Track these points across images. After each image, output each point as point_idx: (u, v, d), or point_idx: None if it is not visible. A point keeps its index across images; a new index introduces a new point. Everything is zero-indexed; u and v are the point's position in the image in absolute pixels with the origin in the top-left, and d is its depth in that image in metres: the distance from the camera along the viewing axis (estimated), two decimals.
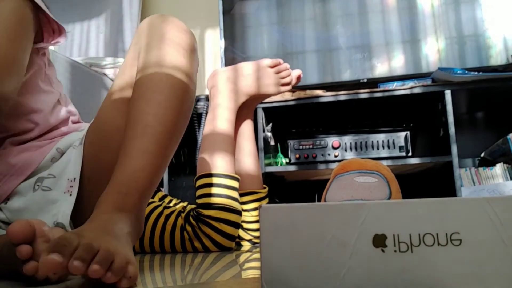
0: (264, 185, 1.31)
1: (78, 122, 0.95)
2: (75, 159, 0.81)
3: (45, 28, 0.82)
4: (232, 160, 1.17)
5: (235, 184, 1.13)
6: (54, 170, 0.82)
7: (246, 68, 1.30)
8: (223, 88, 1.26)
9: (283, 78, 1.30)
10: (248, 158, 1.29)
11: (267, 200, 1.31)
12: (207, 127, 1.21)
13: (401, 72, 2.04)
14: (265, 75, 1.29)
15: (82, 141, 0.83)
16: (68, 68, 1.66)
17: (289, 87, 1.33)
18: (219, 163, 1.14)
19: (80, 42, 2.50)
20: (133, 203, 0.63)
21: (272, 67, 1.30)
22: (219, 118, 1.21)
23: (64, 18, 2.42)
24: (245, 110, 1.31)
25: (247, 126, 1.33)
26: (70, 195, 0.78)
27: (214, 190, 1.10)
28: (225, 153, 1.16)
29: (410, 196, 0.42)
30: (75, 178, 0.79)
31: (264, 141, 1.86)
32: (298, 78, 1.35)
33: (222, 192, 1.09)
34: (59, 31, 0.84)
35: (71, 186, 0.79)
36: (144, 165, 0.66)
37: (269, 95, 1.33)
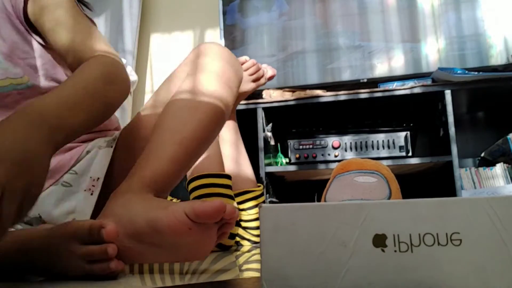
0: (259, 184, 1.32)
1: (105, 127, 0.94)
2: (100, 159, 0.80)
3: None
4: (220, 159, 1.18)
5: (228, 182, 1.14)
6: (76, 167, 0.81)
7: None
8: None
9: (251, 74, 1.31)
10: (230, 162, 1.29)
11: (263, 197, 1.31)
12: None
13: (401, 72, 2.04)
14: None
15: (112, 144, 0.83)
16: None
17: (262, 81, 1.34)
18: (208, 163, 1.14)
19: None
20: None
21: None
22: None
23: None
24: None
25: (226, 130, 1.32)
26: (91, 194, 0.77)
27: (209, 190, 1.10)
28: (213, 153, 1.17)
29: (410, 196, 0.42)
30: (98, 178, 0.78)
31: (264, 141, 1.86)
32: (270, 77, 1.37)
33: (216, 191, 1.10)
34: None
35: (93, 185, 0.78)
36: (167, 170, 0.65)
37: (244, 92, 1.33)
